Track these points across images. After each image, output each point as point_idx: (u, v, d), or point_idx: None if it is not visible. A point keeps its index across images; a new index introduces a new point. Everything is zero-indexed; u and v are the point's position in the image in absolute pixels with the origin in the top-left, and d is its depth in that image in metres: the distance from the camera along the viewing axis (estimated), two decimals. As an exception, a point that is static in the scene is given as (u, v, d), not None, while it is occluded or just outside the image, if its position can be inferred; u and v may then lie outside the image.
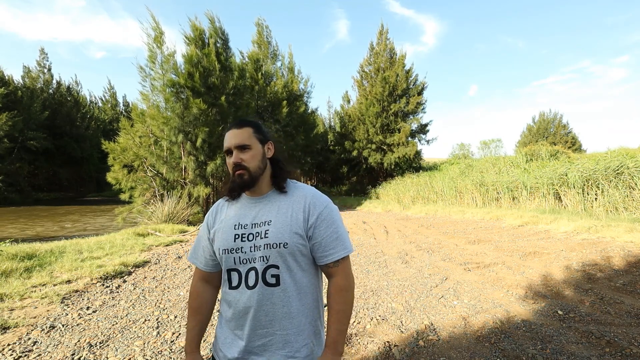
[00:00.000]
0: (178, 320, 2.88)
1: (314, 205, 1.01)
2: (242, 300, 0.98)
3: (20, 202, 20.74)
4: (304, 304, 1.00)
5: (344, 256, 1.01)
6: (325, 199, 1.04)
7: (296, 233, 0.97)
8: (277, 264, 0.97)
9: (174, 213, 8.68)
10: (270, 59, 17.72)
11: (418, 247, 5.72)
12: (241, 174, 1.01)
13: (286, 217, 1.00)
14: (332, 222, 1.00)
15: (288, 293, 0.97)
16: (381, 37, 21.57)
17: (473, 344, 2.43)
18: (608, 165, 8.14)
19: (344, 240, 1.01)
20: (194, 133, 9.98)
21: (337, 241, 1.00)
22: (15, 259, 4.16)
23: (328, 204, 1.03)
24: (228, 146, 1.02)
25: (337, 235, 1.00)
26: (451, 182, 12.92)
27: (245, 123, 1.05)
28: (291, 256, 0.98)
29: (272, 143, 1.09)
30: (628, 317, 2.72)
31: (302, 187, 1.08)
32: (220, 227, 1.05)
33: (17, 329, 2.61)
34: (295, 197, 1.03)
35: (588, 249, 4.81)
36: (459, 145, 44.46)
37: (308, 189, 1.06)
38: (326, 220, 1.00)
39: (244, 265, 0.99)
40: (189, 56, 9.98)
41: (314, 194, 1.05)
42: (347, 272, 1.02)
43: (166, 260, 4.90)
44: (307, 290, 1.01)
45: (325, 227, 0.99)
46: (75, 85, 31.43)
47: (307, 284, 1.02)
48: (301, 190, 1.06)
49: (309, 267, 1.02)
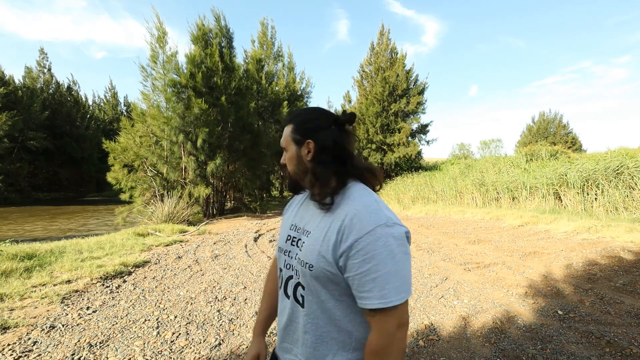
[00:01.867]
0: (178, 320, 2.88)
1: (351, 227, 0.74)
2: (282, 307, 0.91)
3: (20, 202, 20.74)
4: (335, 339, 0.79)
5: (381, 308, 0.70)
6: (373, 222, 0.72)
7: (323, 257, 0.76)
8: (303, 283, 0.82)
9: (174, 213, 8.68)
10: (272, 59, 17.71)
11: (418, 247, 5.72)
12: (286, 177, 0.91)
13: (321, 233, 0.79)
14: (371, 257, 0.71)
15: (313, 319, 0.81)
16: (382, 37, 21.57)
17: (473, 344, 2.43)
18: (608, 165, 8.14)
19: (384, 286, 0.70)
20: (195, 133, 9.98)
21: (373, 284, 0.70)
22: (15, 259, 4.16)
23: (374, 230, 0.71)
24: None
25: (375, 275, 0.70)
26: (451, 182, 12.92)
27: (290, 119, 0.89)
28: (316, 280, 0.79)
29: (310, 142, 0.84)
30: (628, 317, 2.72)
31: (352, 196, 0.80)
32: (283, 222, 0.98)
33: (17, 329, 2.61)
34: (339, 211, 0.79)
35: (588, 249, 4.81)
36: (459, 145, 44.51)
37: (358, 202, 0.77)
38: (363, 252, 0.71)
39: (287, 270, 0.88)
40: (192, 56, 9.98)
41: (359, 211, 0.75)
42: (384, 331, 0.72)
43: (166, 260, 4.90)
44: (343, 326, 0.79)
45: (361, 261, 0.72)
46: (73, 85, 31.41)
47: (342, 316, 0.79)
48: (349, 201, 0.79)
49: (345, 297, 0.78)
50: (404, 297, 0.71)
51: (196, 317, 2.94)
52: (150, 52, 10.01)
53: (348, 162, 0.84)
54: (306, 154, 0.85)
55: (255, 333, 1.04)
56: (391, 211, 0.79)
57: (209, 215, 10.73)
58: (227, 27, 11.58)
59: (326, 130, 0.85)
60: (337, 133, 0.85)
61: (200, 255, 5.24)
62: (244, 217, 10.43)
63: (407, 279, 0.73)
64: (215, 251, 5.53)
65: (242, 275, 4.21)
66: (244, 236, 6.91)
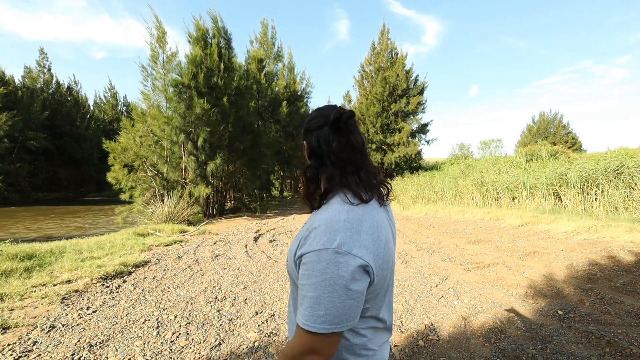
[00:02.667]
0: (178, 320, 2.88)
1: (307, 238, 0.71)
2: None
3: (20, 202, 20.74)
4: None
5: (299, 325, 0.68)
6: (325, 242, 0.67)
7: (291, 257, 0.77)
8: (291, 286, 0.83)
9: (174, 213, 8.68)
10: (273, 59, 17.71)
11: (418, 247, 5.72)
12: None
13: (298, 235, 0.79)
14: (309, 275, 0.67)
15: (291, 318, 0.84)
16: (382, 37, 21.57)
17: (473, 344, 2.43)
18: (608, 165, 8.14)
19: (308, 308, 0.66)
20: (195, 133, 9.99)
21: (303, 300, 0.68)
22: (15, 259, 4.16)
23: (320, 251, 0.67)
24: None
25: (305, 294, 0.68)
26: (451, 182, 12.92)
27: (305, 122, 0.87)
28: (289, 276, 0.81)
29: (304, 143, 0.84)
30: (628, 317, 2.72)
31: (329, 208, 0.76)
32: None
33: (17, 329, 2.61)
34: (314, 219, 0.76)
35: (588, 249, 4.81)
36: (459, 145, 44.54)
37: (327, 216, 0.73)
38: (305, 266, 0.69)
39: None
40: (193, 56, 9.98)
41: (322, 225, 0.71)
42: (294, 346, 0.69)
43: (166, 260, 4.90)
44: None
45: (302, 274, 0.69)
46: (74, 85, 31.43)
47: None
48: (324, 212, 0.75)
49: None
50: (326, 329, 0.65)
51: (196, 317, 2.94)
52: (151, 52, 10.01)
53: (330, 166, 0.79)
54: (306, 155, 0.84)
55: None
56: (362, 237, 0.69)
57: (209, 215, 10.73)
58: (224, 28, 11.60)
59: (317, 131, 0.81)
60: (326, 133, 0.79)
61: (200, 255, 5.24)
62: (244, 217, 10.43)
63: (337, 313, 0.65)
64: (215, 251, 5.53)
65: (242, 275, 4.21)
66: (244, 236, 6.91)
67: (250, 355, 2.34)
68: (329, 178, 0.79)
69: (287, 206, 14.16)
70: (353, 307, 0.67)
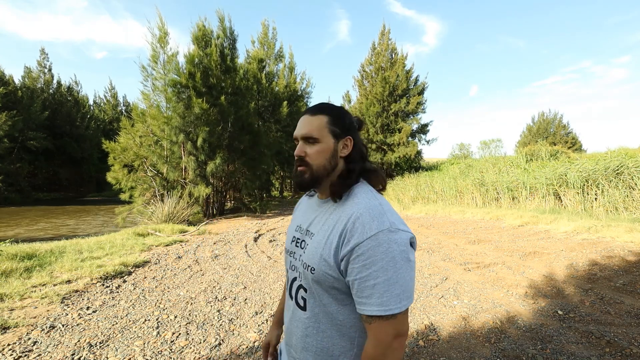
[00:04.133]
0: (178, 320, 2.88)
1: (353, 231, 0.72)
2: (287, 307, 0.90)
3: (20, 202, 20.73)
4: (337, 343, 0.77)
5: (378, 315, 0.68)
6: (375, 226, 0.70)
7: (325, 260, 0.75)
8: (305, 286, 0.81)
9: (174, 213, 8.68)
10: (273, 60, 17.71)
11: (418, 247, 5.72)
12: (301, 172, 0.82)
13: (324, 236, 0.78)
14: (371, 262, 0.68)
15: (315, 323, 0.79)
16: (383, 37, 21.58)
17: (473, 344, 2.43)
18: (608, 165, 8.14)
19: (383, 293, 0.68)
20: (195, 133, 9.99)
21: (373, 290, 0.68)
22: (15, 259, 4.16)
23: (375, 235, 0.69)
24: (295, 134, 0.85)
25: (374, 282, 0.68)
26: (451, 182, 12.92)
27: (322, 110, 0.83)
28: (318, 284, 0.77)
29: (351, 139, 0.84)
30: (628, 317, 2.72)
31: (359, 199, 0.78)
32: (290, 223, 0.98)
33: (17, 329, 2.61)
34: (344, 213, 0.77)
35: (588, 249, 4.81)
36: (459, 145, 44.55)
37: (363, 203, 0.76)
38: (363, 257, 0.69)
39: (292, 271, 0.87)
40: (191, 56, 9.99)
41: (364, 213, 0.73)
42: (379, 340, 0.69)
43: (166, 260, 4.90)
44: (345, 331, 0.77)
45: (361, 266, 0.69)
46: (75, 85, 31.43)
47: (345, 320, 0.77)
48: (354, 203, 0.77)
49: (348, 302, 0.77)
50: (405, 305, 0.69)
51: (196, 317, 2.94)
52: (151, 52, 10.01)
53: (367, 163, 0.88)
54: (341, 149, 0.84)
55: (273, 321, 1.10)
56: (396, 215, 0.76)
57: (209, 215, 10.73)
58: (231, 29, 11.60)
59: (358, 131, 0.89)
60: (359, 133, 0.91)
61: (200, 255, 5.24)
62: (244, 217, 10.43)
63: (409, 287, 0.70)
64: (215, 251, 5.53)
65: (242, 275, 4.21)
66: (244, 236, 6.91)
67: (250, 355, 2.34)
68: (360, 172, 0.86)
69: (287, 206, 14.16)
70: (414, 277, 0.73)
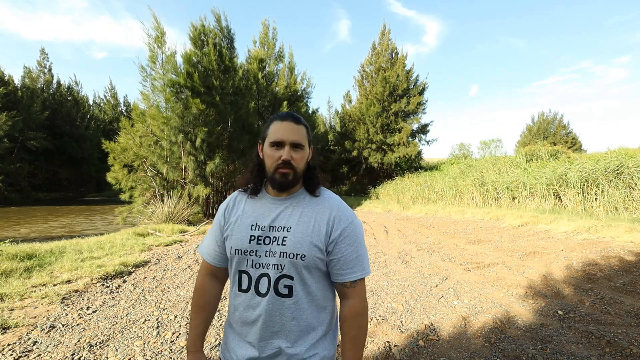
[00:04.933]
0: (178, 320, 2.88)
1: (339, 218, 0.94)
2: (251, 306, 0.93)
3: (20, 202, 20.74)
4: (315, 316, 0.95)
5: (361, 277, 0.95)
6: (351, 213, 0.98)
7: (315, 246, 0.91)
8: (291, 274, 0.91)
9: (174, 213, 8.68)
10: (274, 60, 17.70)
11: (418, 247, 5.72)
12: (287, 174, 0.92)
13: (307, 226, 0.93)
14: (354, 240, 0.94)
15: (300, 305, 0.92)
16: (383, 37, 21.59)
17: (473, 344, 2.43)
18: (608, 165, 8.14)
19: (363, 260, 0.96)
20: (194, 133, 9.99)
21: (357, 261, 0.94)
22: (15, 259, 4.16)
23: (353, 220, 0.96)
24: (282, 139, 0.92)
25: (357, 254, 0.94)
26: (451, 182, 12.92)
27: (301, 120, 0.97)
28: (306, 269, 0.91)
29: (312, 148, 1.03)
30: (628, 317, 2.72)
31: (329, 195, 1.01)
32: (235, 225, 0.98)
33: (17, 329, 2.61)
34: (320, 206, 0.96)
35: (588, 249, 4.81)
36: (459, 145, 44.55)
37: (335, 199, 0.99)
38: (349, 237, 0.94)
39: (255, 269, 0.93)
40: (188, 56, 9.98)
41: (340, 205, 0.98)
42: (362, 295, 0.96)
43: (166, 260, 4.90)
44: (321, 303, 0.97)
45: (347, 244, 0.93)
46: (75, 85, 31.44)
47: (321, 296, 0.97)
48: (328, 199, 0.99)
49: (323, 280, 0.97)
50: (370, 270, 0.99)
51: (196, 317, 2.93)
52: (149, 52, 10.01)
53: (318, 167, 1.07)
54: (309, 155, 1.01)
55: (192, 350, 1.02)
56: None
57: (209, 215, 10.73)
58: (228, 28, 11.57)
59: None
60: None
61: (200, 255, 5.23)
62: (244, 217, 10.41)
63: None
64: (215, 251, 5.53)
65: (242, 275, 4.20)
66: (244, 236, 6.90)
67: (250, 355, 2.33)
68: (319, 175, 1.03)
69: (287, 206, 14.15)
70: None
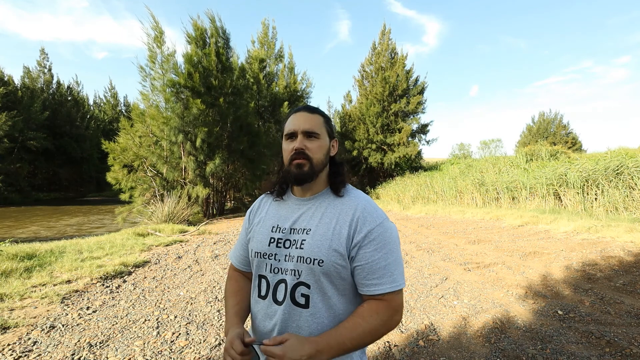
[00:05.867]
0: (178, 320, 2.88)
1: (364, 219, 0.82)
2: (268, 315, 0.86)
3: (20, 202, 20.74)
4: None
5: (389, 291, 0.79)
6: (380, 215, 0.84)
7: (335, 250, 0.81)
8: (309, 282, 0.82)
9: (174, 213, 8.68)
10: (274, 60, 17.69)
11: (418, 247, 5.72)
12: (301, 164, 0.85)
13: (328, 228, 0.83)
14: (383, 245, 0.80)
15: (317, 318, 0.82)
16: (383, 37, 21.57)
17: (473, 344, 2.43)
18: (608, 165, 8.14)
19: (394, 271, 0.80)
20: (194, 133, 9.99)
21: (384, 270, 0.80)
22: (15, 259, 4.16)
23: (383, 222, 0.83)
24: (294, 129, 0.87)
25: (386, 262, 0.80)
26: (451, 182, 12.92)
27: (316, 110, 0.92)
28: (326, 276, 0.81)
29: (337, 141, 0.96)
30: (628, 317, 2.72)
31: (356, 194, 0.90)
32: (258, 226, 0.94)
33: (17, 329, 2.61)
34: (344, 206, 0.86)
35: (588, 249, 4.81)
36: (459, 145, 44.55)
37: (362, 198, 0.88)
38: (376, 240, 0.81)
39: (274, 274, 0.86)
40: (189, 56, 9.99)
41: (367, 205, 0.85)
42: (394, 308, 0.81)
43: (166, 260, 4.90)
44: (338, 320, 0.83)
45: (374, 249, 0.80)
46: (76, 85, 31.45)
47: (344, 310, 0.84)
48: (354, 198, 0.88)
49: (348, 292, 0.85)
50: (404, 280, 0.82)
51: (196, 317, 2.94)
52: (148, 52, 10.02)
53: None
54: (332, 149, 0.94)
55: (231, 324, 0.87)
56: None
57: (209, 215, 10.73)
58: (223, 28, 11.57)
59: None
60: None
61: (200, 255, 5.24)
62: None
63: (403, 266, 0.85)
64: (215, 251, 5.53)
65: (242, 275, 4.20)
66: (244, 236, 6.90)
67: (250, 355, 2.33)
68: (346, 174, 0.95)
69: (287, 206, 14.16)
70: None
